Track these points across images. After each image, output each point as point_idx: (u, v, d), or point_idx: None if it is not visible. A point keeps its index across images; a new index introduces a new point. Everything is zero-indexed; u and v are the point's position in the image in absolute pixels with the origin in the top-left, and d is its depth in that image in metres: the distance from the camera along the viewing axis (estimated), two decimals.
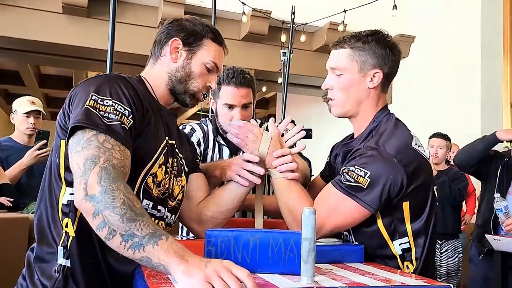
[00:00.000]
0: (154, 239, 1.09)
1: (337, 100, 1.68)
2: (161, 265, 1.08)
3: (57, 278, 1.31)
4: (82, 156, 1.21)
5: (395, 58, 1.66)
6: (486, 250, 3.22)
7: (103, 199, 1.13)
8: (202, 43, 1.53)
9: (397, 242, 1.55)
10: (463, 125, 6.11)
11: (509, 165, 3.28)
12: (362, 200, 1.47)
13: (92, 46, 5.85)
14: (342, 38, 1.67)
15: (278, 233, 1.30)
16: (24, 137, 3.60)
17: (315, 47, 6.94)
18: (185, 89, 1.53)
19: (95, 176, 1.16)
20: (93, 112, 1.26)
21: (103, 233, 1.12)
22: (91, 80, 1.37)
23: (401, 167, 1.47)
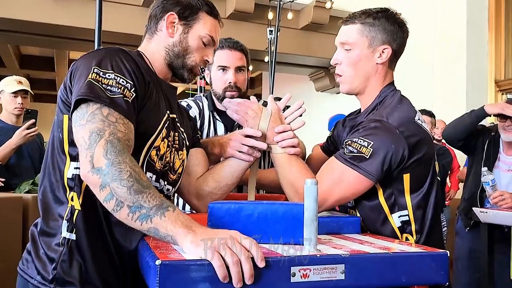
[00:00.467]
0: (161, 211, 1.12)
1: (345, 76, 1.70)
2: (169, 236, 1.10)
3: (62, 251, 1.32)
4: (87, 129, 1.21)
5: (404, 35, 1.68)
6: (472, 223, 3.28)
7: (110, 171, 1.14)
8: (197, 16, 1.53)
9: (396, 214, 1.57)
10: (449, 102, 6.19)
11: (495, 140, 3.32)
12: (363, 170, 1.49)
13: (74, 25, 5.81)
14: (353, 14, 1.69)
15: (280, 204, 1.33)
16: (12, 117, 3.57)
17: (302, 25, 6.94)
18: (183, 63, 1.53)
19: (101, 149, 1.17)
20: (95, 85, 1.26)
21: (110, 205, 1.14)
22: (92, 54, 1.36)
23: (403, 139, 1.50)
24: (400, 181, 1.56)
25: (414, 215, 1.58)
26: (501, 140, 3.29)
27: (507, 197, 2.98)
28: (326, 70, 8.08)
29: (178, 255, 1.09)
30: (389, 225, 1.58)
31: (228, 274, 1.00)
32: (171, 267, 1.01)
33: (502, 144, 3.30)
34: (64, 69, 11.15)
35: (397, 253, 1.20)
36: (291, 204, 1.34)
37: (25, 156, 3.58)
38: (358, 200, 1.61)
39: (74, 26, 5.80)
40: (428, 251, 1.22)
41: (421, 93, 6.45)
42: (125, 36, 6.02)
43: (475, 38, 6.33)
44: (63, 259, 1.32)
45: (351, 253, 1.15)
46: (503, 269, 3.13)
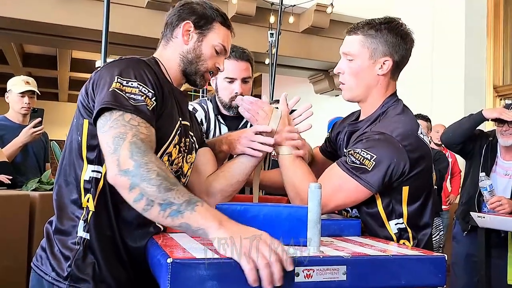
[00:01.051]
0: (191, 206, 1.16)
1: (347, 85, 1.74)
2: (201, 229, 1.15)
3: (78, 250, 1.37)
4: (109, 134, 1.26)
5: (407, 46, 1.70)
6: (469, 227, 3.32)
7: (138, 172, 1.18)
8: (212, 26, 1.59)
9: (393, 222, 1.62)
10: (448, 107, 6.22)
11: (493, 144, 3.36)
12: (364, 181, 1.53)
13: (78, 25, 5.83)
14: (356, 24, 1.71)
15: (284, 207, 1.38)
16: (19, 116, 3.63)
17: (302, 28, 6.98)
18: (196, 70, 1.58)
19: (126, 151, 1.22)
20: (119, 94, 1.31)
21: (140, 205, 1.18)
22: (114, 63, 1.41)
23: (405, 153, 1.54)
24: (399, 192, 1.60)
25: (410, 223, 1.62)
26: (499, 145, 3.33)
27: (504, 203, 3.02)
28: (325, 73, 8.12)
29: (188, 253, 1.14)
30: (387, 231, 1.63)
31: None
32: (182, 265, 1.05)
33: (499, 149, 3.34)
34: (66, 68, 11.18)
35: (397, 255, 1.24)
36: (296, 206, 1.40)
37: (30, 154, 3.63)
38: (357, 206, 1.65)
39: (77, 26, 5.83)
40: (426, 255, 1.27)
41: (420, 98, 6.49)
42: (129, 37, 6.06)
43: (473, 44, 6.37)
44: (78, 257, 1.37)
45: (352, 255, 1.19)
46: (500, 274, 3.18)
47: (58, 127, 11.88)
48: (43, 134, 3.61)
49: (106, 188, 1.38)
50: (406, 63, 1.74)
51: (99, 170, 1.39)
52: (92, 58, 10.23)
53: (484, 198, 3.14)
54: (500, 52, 6.42)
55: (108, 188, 1.38)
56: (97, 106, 1.31)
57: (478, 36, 6.42)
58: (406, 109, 1.72)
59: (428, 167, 1.64)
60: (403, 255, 1.26)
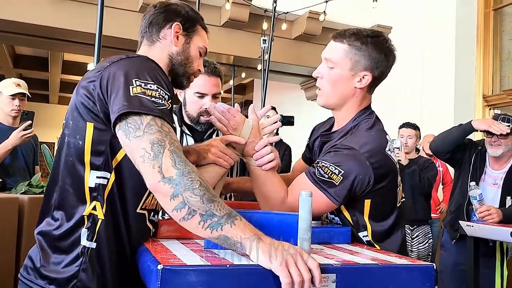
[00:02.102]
0: (231, 219, 1.18)
1: (324, 91, 1.73)
2: (238, 243, 1.16)
3: (82, 260, 1.34)
4: (146, 140, 1.23)
5: (388, 64, 1.70)
6: (458, 236, 3.34)
7: (182, 181, 1.18)
8: (196, 29, 1.60)
9: (361, 234, 1.65)
10: (437, 116, 6.27)
11: (482, 154, 3.40)
12: (330, 195, 1.56)
13: (70, 27, 5.80)
14: (344, 32, 1.70)
15: (274, 214, 1.39)
16: (9, 119, 3.63)
17: (294, 35, 7.00)
18: (184, 71, 1.58)
19: (168, 159, 1.21)
20: (143, 98, 1.27)
21: (181, 214, 1.18)
22: (124, 63, 1.36)
23: (371, 169, 1.55)
24: (361, 204, 1.63)
25: (374, 237, 1.64)
26: (488, 154, 3.37)
27: (493, 212, 3.05)
28: None
29: (178, 260, 1.14)
30: (360, 239, 1.65)
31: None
32: (173, 271, 1.05)
33: (488, 158, 3.38)
34: (57, 70, 11.13)
35: (386, 264, 1.25)
36: (286, 214, 1.40)
37: (19, 156, 3.63)
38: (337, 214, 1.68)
39: (70, 28, 5.81)
40: (415, 263, 1.28)
41: (410, 107, 6.54)
42: (122, 41, 6.04)
43: (463, 54, 6.42)
44: (83, 268, 1.34)
45: (342, 263, 1.21)
46: (488, 283, 3.21)
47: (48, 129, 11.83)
48: (33, 136, 3.60)
49: (114, 195, 1.37)
50: (384, 78, 1.74)
51: (106, 177, 1.35)
52: (83, 60, 10.19)
53: (474, 207, 3.17)
54: (489, 61, 6.49)
55: (117, 195, 1.37)
56: (122, 110, 1.26)
57: (468, 45, 6.48)
58: (378, 123, 1.72)
59: (392, 183, 1.67)
60: (392, 263, 1.27)
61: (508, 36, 6.48)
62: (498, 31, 6.55)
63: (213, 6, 6.27)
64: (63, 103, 15.09)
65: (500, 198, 3.26)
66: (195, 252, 1.26)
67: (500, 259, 3.24)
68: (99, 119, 1.34)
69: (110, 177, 1.36)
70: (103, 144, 1.34)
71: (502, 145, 3.23)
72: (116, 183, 1.36)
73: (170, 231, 1.50)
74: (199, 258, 1.19)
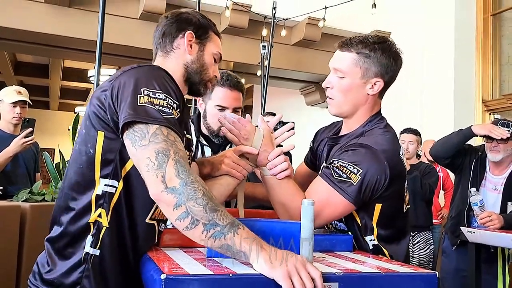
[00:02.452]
0: (234, 228, 1.19)
1: (335, 101, 1.73)
2: (241, 252, 1.17)
3: (85, 267, 1.35)
4: (151, 149, 1.24)
5: (396, 67, 1.71)
6: (459, 242, 3.34)
7: (185, 191, 1.19)
8: (209, 35, 1.61)
9: (368, 237, 1.64)
10: (437, 121, 6.27)
11: (482, 159, 3.40)
12: (350, 195, 1.54)
13: (71, 35, 5.82)
14: (350, 40, 1.71)
15: (277, 222, 1.39)
16: (10, 126, 3.64)
17: (294, 41, 7.02)
18: (200, 79, 1.59)
19: (171, 169, 1.21)
20: (150, 107, 1.29)
21: (184, 223, 1.19)
22: (134, 72, 1.38)
23: (388, 169, 1.56)
24: (372, 208, 1.62)
25: (381, 240, 1.64)
26: (488, 160, 3.37)
27: (494, 218, 3.05)
28: (316, 85, 8.15)
29: (181, 269, 1.14)
30: (365, 246, 1.65)
31: None
32: (176, 281, 1.06)
33: (488, 164, 3.38)
34: (58, 77, 11.16)
35: (388, 272, 1.25)
36: (288, 222, 1.40)
37: (20, 163, 3.64)
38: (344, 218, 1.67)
39: (70, 36, 5.82)
40: (418, 272, 1.28)
41: (410, 113, 6.54)
42: (122, 48, 6.07)
43: (463, 59, 6.43)
44: (86, 275, 1.34)
45: (344, 271, 1.21)
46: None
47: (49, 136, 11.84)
48: (34, 143, 3.61)
49: (121, 204, 1.37)
50: (393, 82, 1.75)
51: (114, 185, 1.37)
52: (84, 67, 10.22)
53: (475, 213, 3.17)
54: (489, 66, 6.49)
55: (124, 204, 1.37)
56: (127, 118, 1.28)
57: (467, 50, 6.48)
58: (390, 127, 1.73)
59: (401, 187, 1.68)
60: (395, 272, 1.27)
61: (507, 41, 6.49)
62: (497, 36, 6.56)
63: (213, 13, 6.29)
64: (63, 110, 15.12)
65: (501, 203, 3.26)
66: (197, 261, 1.27)
67: (502, 266, 3.24)
68: (109, 128, 1.35)
69: (118, 186, 1.37)
70: (112, 153, 1.36)
71: (501, 151, 3.24)
72: (123, 192, 1.37)
73: (172, 239, 1.50)
74: (202, 267, 1.19)
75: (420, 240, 4.58)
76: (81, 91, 13.48)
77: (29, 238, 2.72)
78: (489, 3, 6.55)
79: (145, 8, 5.81)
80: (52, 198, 2.95)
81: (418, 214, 4.47)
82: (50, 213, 1.47)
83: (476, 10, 6.56)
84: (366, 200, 1.57)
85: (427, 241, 4.62)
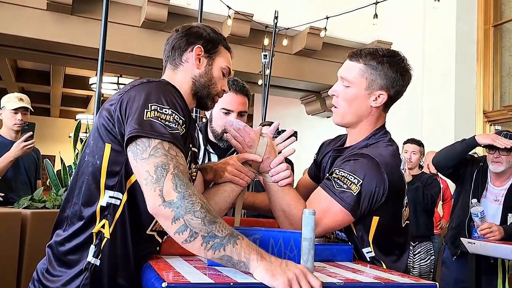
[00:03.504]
0: (233, 239, 1.19)
1: (339, 109, 1.74)
2: (242, 262, 1.17)
3: (85, 275, 1.35)
4: (151, 163, 1.25)
5: (404, 83, 1.71)
6: (459, 252, 3.34)
7: (183, 204, 1.20)
8: (218, 49, 1.61)
9: (365, 250, 1.64)
10: (438, 132, 6.27)
11: (483, 170, 3.41)
12: (349, 205, 1.54)
13: (73, 43, 5.85)
14: (360, 51, 1.72)
15: (278, 232, 1.40)
16: (11, 133, 3.66)
17: (295, 50, 7.05)
18: (208, 93, 1.60)
19: (169, 183, 1.22)
20: (155, 122, 1.30)
21: (183, 236, 1.19)
22: (144, 87, 1.40)
23: (387, 182, 1.55)
24: (369, 221, 1.61)
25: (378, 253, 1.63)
26: (489, 171, 3.37)
27: (494, 230, 3.05)
28: (317, 94, 8.18)
29: (182, 277, 1.15)
30: (364, 256, 1.64)
31: None
32: None
33: (490, 175, 3.39)
34: (59, 84, 11.18)
35: (389, 283, 1.25)
36: (289, 231, 1.41)
37: (21, 169, 3.66)
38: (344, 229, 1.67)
39: (72, 43, 5.85)
40: (418, 282, 1.28)
41: (410, 123, 6.54)
42: (124, 56, 6.10)
43: (464, 69, 6.44)
44: (84, 283, 1.35)
45: (345, 281, 1.21)
46: None
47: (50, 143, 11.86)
48: (34, 150, 3.62)
49: (125, 216, 1.38)
50: (399, 97, 1.75)
51: (119, 197, 1.38)
52: (85, 74, 10.24)
53: (475, 224, 3.17)
54: (490, 77, 6.51)
55: (128, 216, 1.38)
56: (132, 132, 1.29)
57: (468, 61, 6.50)
58: (393, 142, 1.73)
59: (399, 202, 1.67)
60: (395, 282, 1.27)
61: (508, 52, 6.51)
62: (498, 47, 6.58)
63: (214, 22, 6.32)
64: (64, 117, 15.14)
65: (501, 214, 3.26)
66: (198, 270, 1.27)
67: (502, 277, 3.23)
68: (116, 141, 1.37)
69: (123, 198, 1.38)
70: (118, 165, 1.37)
71: (504, 162, 3.24)
72: (127, 203, 1.38)
73: (173, 248, 1.50)
74: (202, 275, 1.19)
75: (421, 251, 4.58)
76: (82, 98, 13.51)
77: (29, 245, 2.72)
78: (490, 15, 6.57)
79: (147, 17, 5.84)
80: (53, 205, 2.95)
81: (419, 224, 4.47)
82: (51, 220, 1.48)
83: (477, 21, 6.58)
84: (365, 211, 1.57)
85: (428, 252, 4.61)
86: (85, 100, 13.54)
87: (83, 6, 5.78)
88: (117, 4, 5.86)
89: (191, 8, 5.77)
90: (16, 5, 5.53)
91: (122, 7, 5.99)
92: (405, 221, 1.72)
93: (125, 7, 6.03)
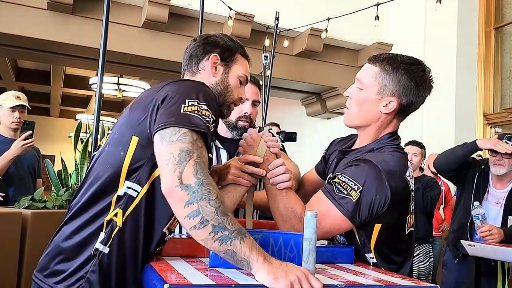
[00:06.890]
0: (241, 235, 1.20)
1: (350, 111, 1.73)
2: (245, 260, 1.18)
3: (92, 262, 1.36)
4: (177, 146, 1.27)
5: (420, 93, 1.68)
6: (461, 254, 3.34)
7: (200, 190, 1.20)
8: (235, 58, 1.63)
9: (367, 255, 1.63)
10: (438, 134, 6.27)
11: (485, 173, 3.42)
12: (348, 211, 1.52)
13: (73, 42, 5.84)
14: (379, 55, 1.71)
15: (278, 233, 1.40)
16: (9, 131, 3.68)
17: (296, 51, 7.04)
18: (224, 101, 1.62)
19: (190, 168, 1.23)
20: (193, 115, 1.33)
21: (193, 222, 1.19)
22: (184, 84, 1.44)
23: (389, 191, 1.53)
24: (371, 228, 1.60)
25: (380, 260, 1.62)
26: (491, 174, 3.38)
27: (494, 232, 3.05)
28: (318, 96, 8.17)
29: (184, 279, 1.15)
30: (367, 260, 1.63)
31: None
32: None
33: (491, 178, 3.39)
34: (59, 83, 11.17)
35: (390, 285, 1.26)
36: (291, 233, 1.41)
37: (23, 166, 3.67)
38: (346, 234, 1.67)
39: (72, 43, 5.84)
40: (419, 285, 1.29)
41: (410, 125, 6.51)
42: (124, 56, 6.09)
43: (464, 71, 6.44)
44: (92, 270, 1.36)
45: (346, 284, 1.21)
46: None
47: (49, 143, 11.85)
48: (35, 148, 3.63)
49: (140, 209, 1.39)
50: (416, 108, 1.73)
51: (137, 189, 1.39)
52: (86, 74, 10.24)
53: (476, 226, 3.17)
54: (490, 80, 6.51)
55: (143, 209, 1.39)
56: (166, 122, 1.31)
57: (469, 63, 6.50)
58: (400, 148, 1.72)
59: (404, 210, 1.64)
60: (396, 284, 1.27)
61: (509, 55, 6.51)
62: (499, 50, 6.58)
63: (215, 23, 6.32)
64: (64, 117, 15.13)
65: (502, 217, 3.27)
66: (200, 271, 1.27)
67: (502, 279, 3.24)
68: (145, 134, 1.38)
69: (141, 191, 1.39)
70: (142, 160, 1.39)
71: (506, 165, 3.25)
72: (146, 197, 1.39)
73: (174, 249, 1.51)
74: (204, 277, 1.19)
75: (420, 253, 4.59)
76: (82, 98, 13.50)
77: (30, 244, 2.72)
78: (492, 17, 6.58)
79: (147, 17, 5.84)
80: (53, 205, 2.95)
81: (419, 226, 4.47)
82: (52, 220, 1.48)
83: (478, 24, 6.59)
84: (365, 218, 1.54)
85: (427, 254, 4.62)
86: (85, 100, 13.54)
87: (83, 6, 5.77)
88: (117, 4, 5.84)
89: (192, 8, 5.77)
90: (16, 4, 5.51)
91: (123, 7, 5.97)
92: (409, 228, 1.68)
93: (126, 7, 6.01)
